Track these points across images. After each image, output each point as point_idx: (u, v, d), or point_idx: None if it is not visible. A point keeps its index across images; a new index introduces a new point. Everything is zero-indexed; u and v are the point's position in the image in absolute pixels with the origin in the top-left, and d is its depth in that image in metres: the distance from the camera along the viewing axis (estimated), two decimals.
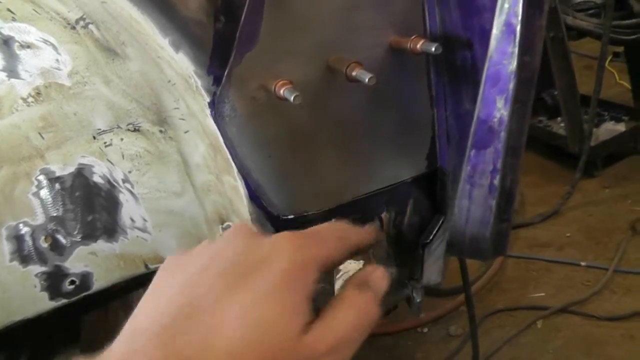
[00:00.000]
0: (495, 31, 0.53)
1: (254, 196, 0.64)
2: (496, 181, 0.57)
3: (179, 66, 0.58)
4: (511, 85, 0.54)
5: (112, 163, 0.93)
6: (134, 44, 0.69)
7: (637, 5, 2.49)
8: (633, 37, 2.45)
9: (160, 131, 0.85)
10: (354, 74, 0.56)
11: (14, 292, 0.96)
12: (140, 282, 1.08)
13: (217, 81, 0.56)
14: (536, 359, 1.77)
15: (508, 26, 0.52)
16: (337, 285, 0.63)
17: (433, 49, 0.57)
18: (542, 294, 2.02)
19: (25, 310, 0.98)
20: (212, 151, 0.72)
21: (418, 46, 0.59)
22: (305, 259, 0.41)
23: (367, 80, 0.55)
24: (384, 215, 0.70)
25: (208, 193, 0.84)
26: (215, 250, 0.44)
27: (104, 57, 0.80)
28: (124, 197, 0.96)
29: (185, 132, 0.79)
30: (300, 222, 0.66)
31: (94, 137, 0.91)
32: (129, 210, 0.97)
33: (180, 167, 0.87)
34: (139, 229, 0.98)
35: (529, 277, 2.12)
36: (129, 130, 0.89)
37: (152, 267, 1.02)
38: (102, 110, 0.88)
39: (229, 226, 0.83)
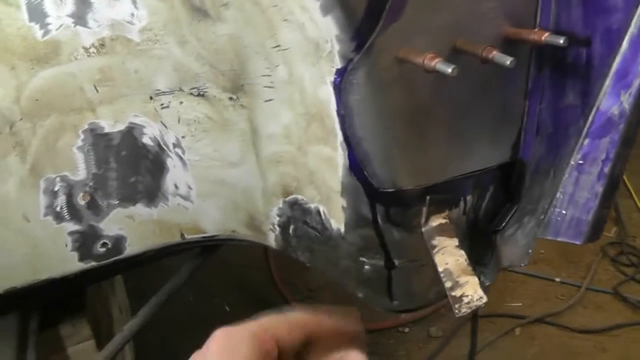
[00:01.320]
0: (632, 29, 0.56)
1: (357, 167, 0.64)
2: (607, 169, 0.60)
3: (318, 30, 0.58)
4: (637, 82, 0.57)
5: (165, 126, 0.91)
6: (244, 6, 0.68)
7: None
8: None
9: (230, 98, 0.84)
10: (491, 56, 0.57)
11: (44, 248, 0.91)
12: (170, 252, 1.05)
13: (358, 48, 0.56)
14: None
15: None
16: (436, 259, 0.64)
17: (561, 42, 0.59)
18: (520, 304, 2.09)
19: (53, 269, 0.93)
20: (304, 120, 0.71)
21: (543, 38, 0.60)
22: None
23: (508, 62, 0.56)
24: (468, 197, 0.72)
25: (276, 164, 0.83)
26: None
27: (189, 17, 0.78)
28: (171, 162, 0.93)
29: (267, 100, 0.78)
30: (397, 197, 0.67)
31: (151, 97, 0.88)
32: (175, 176, 0.94)
33: (246, 137, 0.86)
34: (181, 196, 0.96)
35: (506, 288, 2.19)
36: (191, 94, 0.87)
37: (188, 237, 1.00)
38: (166, 71, 0.86)
39: (295, 200, 0.83)
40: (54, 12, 0.81)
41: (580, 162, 0.61)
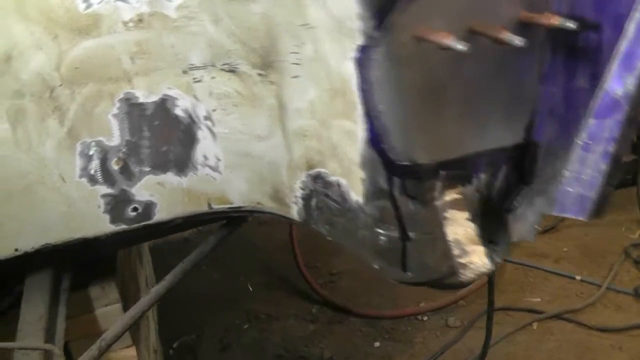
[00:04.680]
0: (638, 15, 0.58)
1: (375, 140, 0.67)
2: (611, 148, 0.62)
3: (342, 7, 0.61)
4: None
5: (197, 99, 0.95)
6: None
7: None
8: None
9: (260, 74, 0.87)
10: (502, 36, 0.60)
11: (78, 208, 0.97)
12: (197, 221, 1.10)
13: (378, 26, 0.59)
14: (530, 357, 1.84)
15: None
16: (447, 230, 0.67)
17: (572, 26, 0.61)
18: (539, 299, 2.09)
19: (86, 229, 0.99)
20: (328, 96, 0.74)
21: (555, 21, 0.62)
22: None
23: (517, 42, 0.58)
24: (482, 175, 0.74)
25: (302, 138, 0.86)
26: None
27: None
28: (202, 133, 0.98)
29: (294, 77, 0.81)
30: (413, 170, 0.69)
31: (185, 72, 0.93)
32: (205, 147, 0.99)
33: (273, 111, 0.90)
34: (210, 167, 1.00)
35: (526, 283, 2.19)
36: (223, 69, 0.91)
37: (215, 207, 1.05)
38: (201, 47, 0.90)
39: (318, 173, 0.86)
40: None
41: (587, 141, 0.64)
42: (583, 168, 0.65)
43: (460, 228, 0.66)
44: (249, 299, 2.06)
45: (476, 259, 0.61)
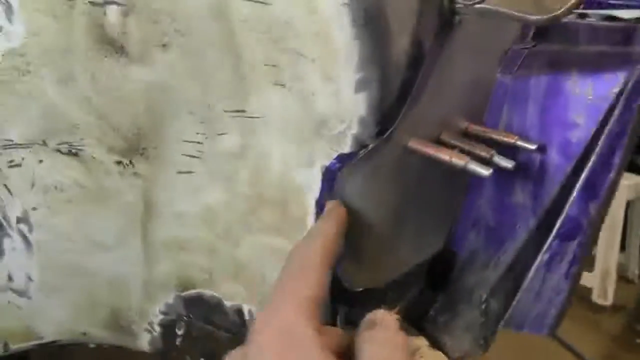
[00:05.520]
0: (600, 148, 0.59)
1: None
2: (573, 269, 0.62)
3: (338, 106, 0.48)
4: (605, 193, 0.60)
5: (10, 192, 0.67)
6: (205, 53, 0.54)
7: None
8: None
9: (119, 162, 0.66)
10: (489, 155, 0.55)
11: None
12: None
13: (379, 134, 0.48)
14: None
15: (611, 145, 0.60)
16: None
17: (533, 148, 0.59)
18: None
19: None
20: (246, 204, 0.58)
21: (513, 140, 0.60)
22: None
23: (510, 166, 0.54)
24: (413, 288, 0.68)
25: (178, 251, 0.67)
26: None
27: (91, 50, 0.59)
28: (10, 243, 0.69)
29: (183, 172, 0.63)
30: (364, 296, 0.58)
31: None
32: (11, 262, 0.70)
33: (132, 213, 0.67)
34: (15, 290, 0.71)
35: None
36: (59, 151, 0.66)
37: (13, 347, 0.72)
38: (29, 116, 0.64)
39: (198, 295, 0.67)
40: None
41: (548, 261, 0.62)
42: (544, 287, 0.63)
43: None
44: None
45: None
